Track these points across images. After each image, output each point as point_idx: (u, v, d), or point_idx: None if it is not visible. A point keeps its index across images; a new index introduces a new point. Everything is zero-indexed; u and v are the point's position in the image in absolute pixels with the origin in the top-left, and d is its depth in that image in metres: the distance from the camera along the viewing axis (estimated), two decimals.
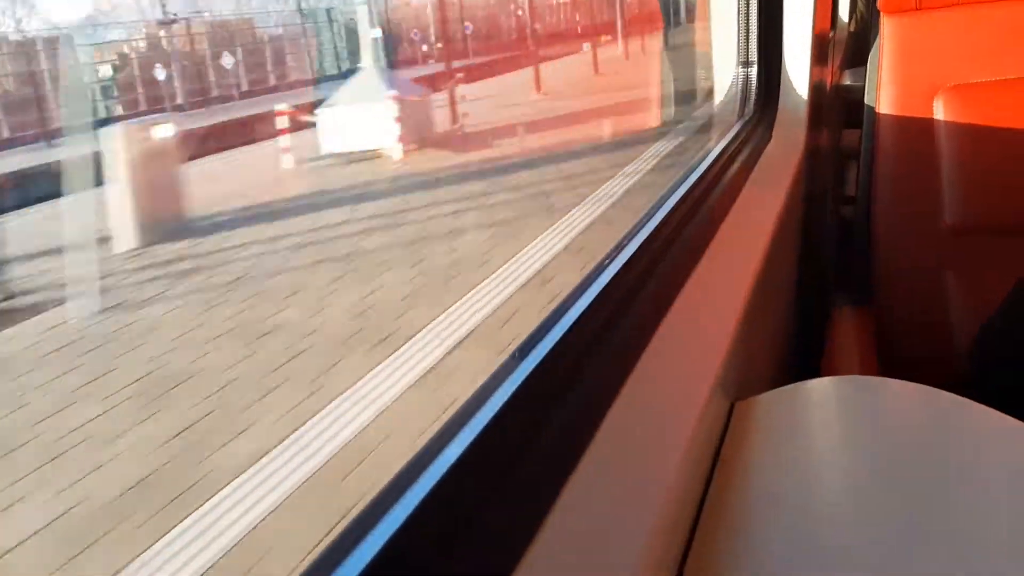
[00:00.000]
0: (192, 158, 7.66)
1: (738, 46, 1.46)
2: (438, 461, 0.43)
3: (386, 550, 0.37)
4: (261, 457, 2.99)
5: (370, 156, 8.43)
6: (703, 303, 0.79)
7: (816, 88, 1.52)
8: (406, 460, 0.43)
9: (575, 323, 0.62)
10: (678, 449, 0.55)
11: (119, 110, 11.51)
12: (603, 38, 17.94)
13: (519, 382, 0.53)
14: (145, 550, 2.54)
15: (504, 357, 0.56)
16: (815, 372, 1.36)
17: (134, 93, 12.22)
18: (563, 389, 0.56)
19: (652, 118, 9.02)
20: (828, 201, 1.69)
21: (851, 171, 1.68)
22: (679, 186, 1.01)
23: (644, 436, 0.56)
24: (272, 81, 14.59)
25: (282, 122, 8.62)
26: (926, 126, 1.42)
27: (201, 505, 2.74)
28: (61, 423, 3.40)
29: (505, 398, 0.51)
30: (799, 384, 0.77)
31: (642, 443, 0.56)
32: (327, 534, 2.38)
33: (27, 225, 6.62)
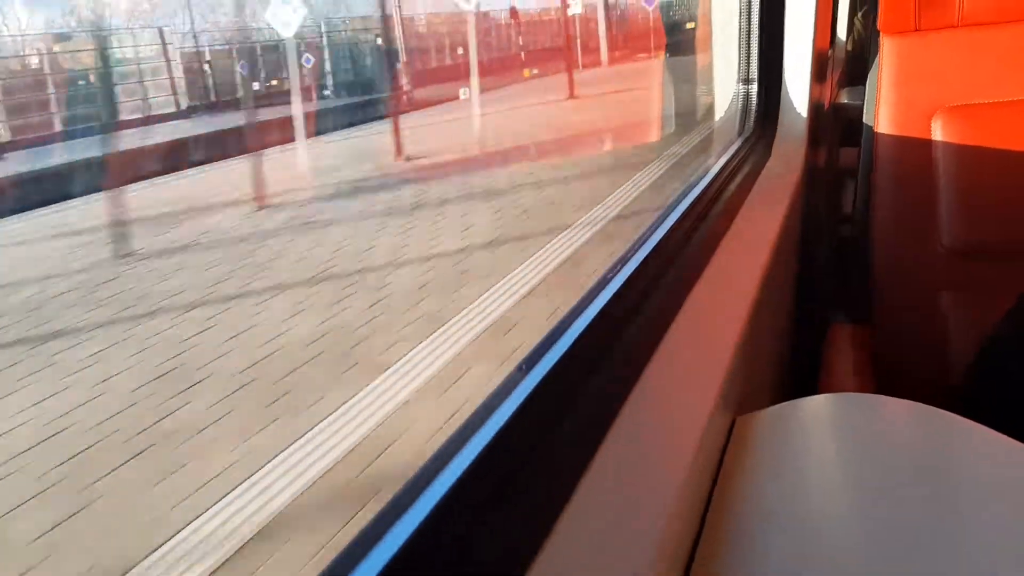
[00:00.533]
0: None
1: (739, 64, 1.47)
2: (447, 471, 0.44)
3: (399, 556, 0.37)
4: None
5: None
6: (705, 318, 0.80)
7: (816, 106, 1.53)
8: (417, 468, 0.44)
9: (578, 339, 0.63)
10: (682, 462, 0.55)
11: None
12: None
13: (524, 396, 0.53)
14: None
15: None
16: (813, 388, 1.37)
17: None
18: (567, 403, 0.56)
19: None
20: (826, 219, 1.71)
21: (849, 189, 1.69)
22: (679, 203, 1.02)
23: (648, 449, 0.57)
24: None
25: None
26: (924, 146, 1.43)
27: None
28: None
29: (510, 412, 0.51)
30: (800, 400, 0.78)
31: (646, 456, 0.56)
32: None
33: None
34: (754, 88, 1.46)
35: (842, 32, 2.43)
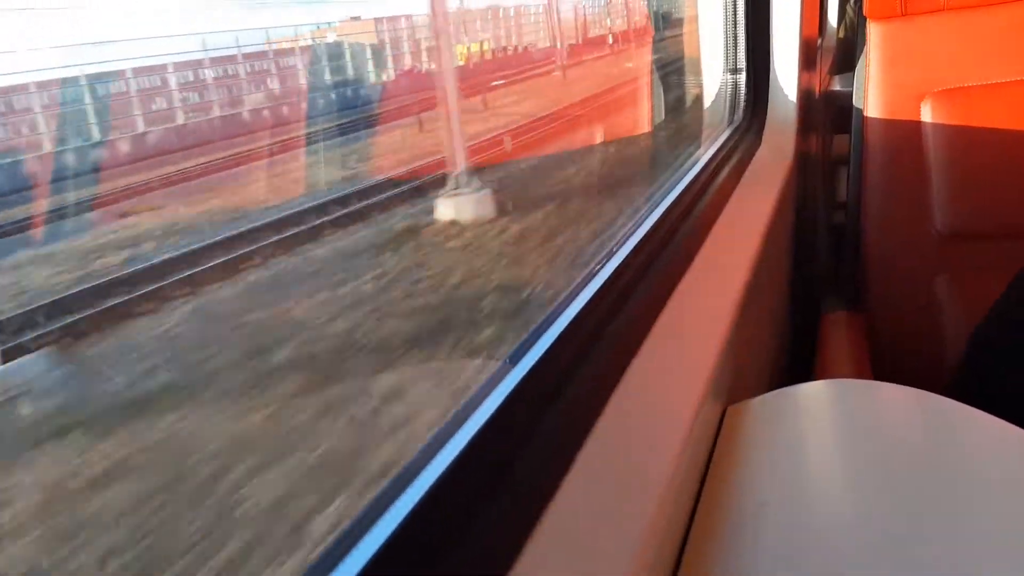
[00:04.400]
0: None
1: (726, 53, 1.47)
2: (432, 465, 0.44)
3: (381, 553, 0.37)
4: None
5: None
6: (694, 308, 0.79)
7: (805, 94, 1.53)
8: (402, 465, 0.43)
9: (567, 329, 0.62)
10: (671, 453, 0.55)
11: None
12: None
13: (512, 387, 0.53)
14: None
15: None
16: (807, 376, 1.37)
17: None
18: (555, 394, 0.56)
19: None
20: (819, 206, 1.71)
21: (841, 176, 1.69)
22: (669, 192, 1.02)
23: (636, 441, 0.57)
24: None
25: None
26: (914, 131, 1.43)
27: None
28: None
29: (498, 403, 0.51)
30: (791, 388, 0.77)
31: (634, 448, 0.56)
32: None
33: None
34: (742, 77, 1.46)
35: (833, 19, 2.43)
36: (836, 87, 1.79)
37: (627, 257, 0.78)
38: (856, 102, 1.53)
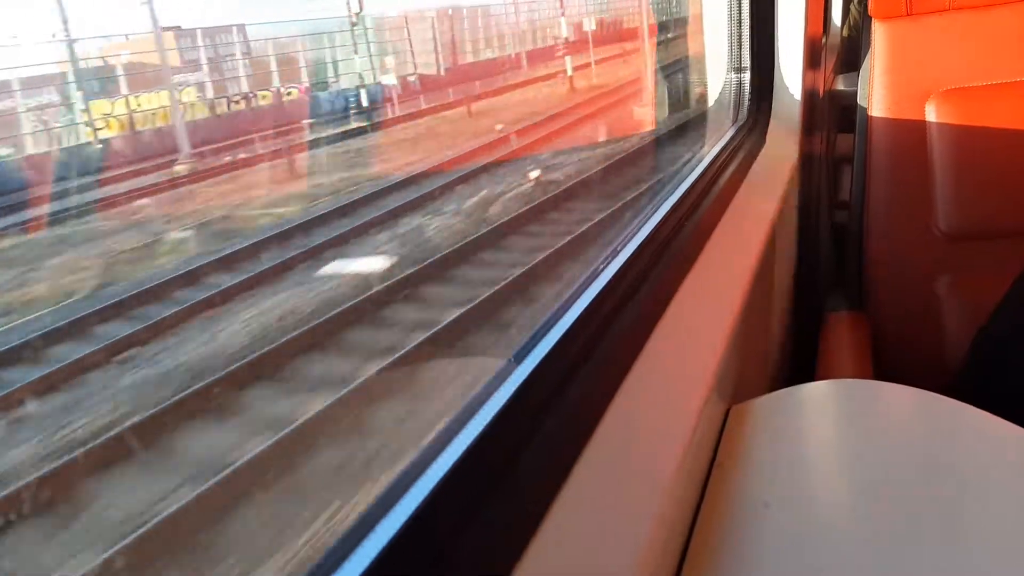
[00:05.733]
0: None
1: (730, 52, 1.47)
2: (437, 463, 0.44)
3: (386, 551, 0.37)
4: None
5: None
6: (698, 308, 0.79)
7: (810, 93, 1.52)
8: (405, 464, 0.44)
9: (571, 328, 0.62)
10: (674, 453, 0.55)
11: None
12: None
13: (515, 387, 0.53)
14: None
15: None
16: (810, 376, 1.36)
17: None
18: (559, 394, 0.56)
19: None
20: (822, 205, 1.70)
21: (845, 176, 1.68)
22: (673, 192, 1.01)
23: (640, 440, 0.57)
24: None
25: None
26: (918, 130, 1.43)
27: None
28: None
29: (502, 403, 0.51)
30: (794, 388, 0.77)
31: (638, 447, 0.56)
32: None
33: None
34: (747, 76, 1.46)
35: (837, 18, 2.42)
36: (840, 86, 1.79)
37: (631, 256, 0.77)
38: (860, 101, 1.52)
